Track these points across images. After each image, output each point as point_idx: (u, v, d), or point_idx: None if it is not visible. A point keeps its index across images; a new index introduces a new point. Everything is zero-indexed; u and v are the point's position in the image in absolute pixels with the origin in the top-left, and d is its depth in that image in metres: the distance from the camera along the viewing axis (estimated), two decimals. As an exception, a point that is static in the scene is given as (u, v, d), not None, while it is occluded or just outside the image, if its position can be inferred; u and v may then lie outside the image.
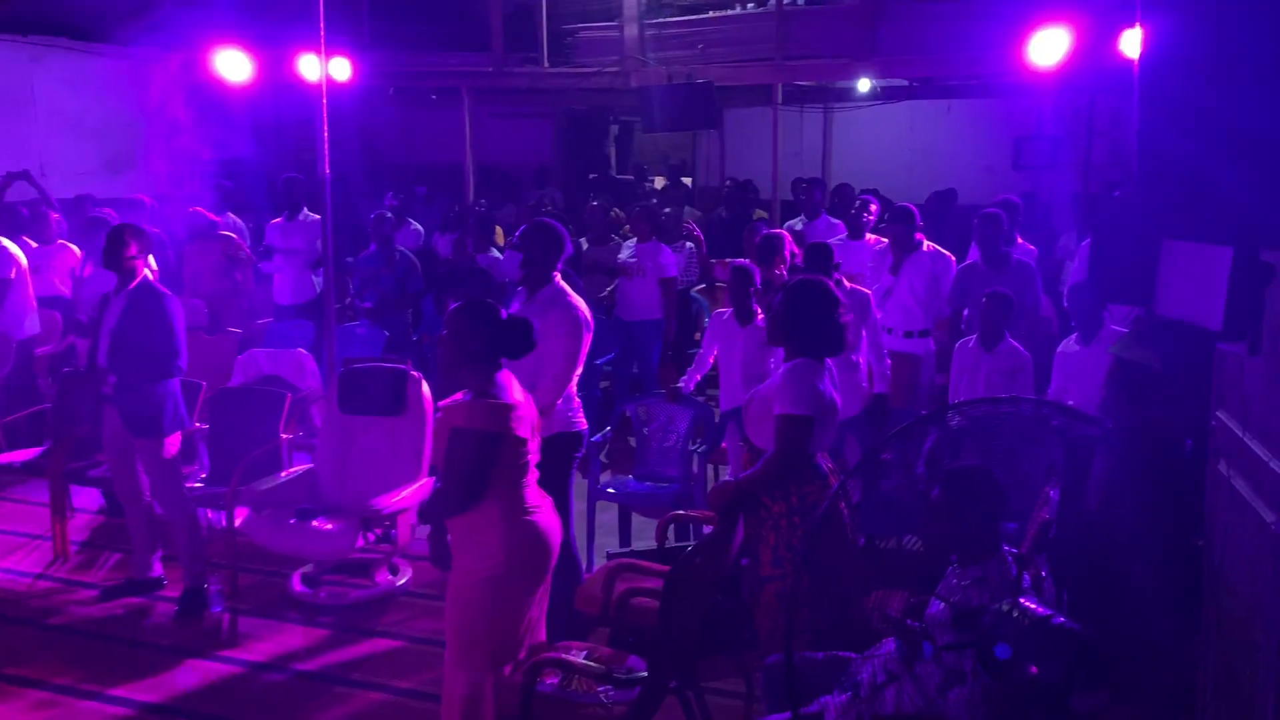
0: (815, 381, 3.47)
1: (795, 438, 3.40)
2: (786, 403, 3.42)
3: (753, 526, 3.53)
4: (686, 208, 10.35)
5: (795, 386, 3.44)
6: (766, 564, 3.50)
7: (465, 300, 3.34)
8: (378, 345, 7.29)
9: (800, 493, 3.46)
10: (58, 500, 5.56)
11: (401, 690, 4.23)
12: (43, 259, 7.87)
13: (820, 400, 3.45)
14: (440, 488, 3.29)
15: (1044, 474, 2.97)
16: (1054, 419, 3.17)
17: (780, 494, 3.47)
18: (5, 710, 4.07)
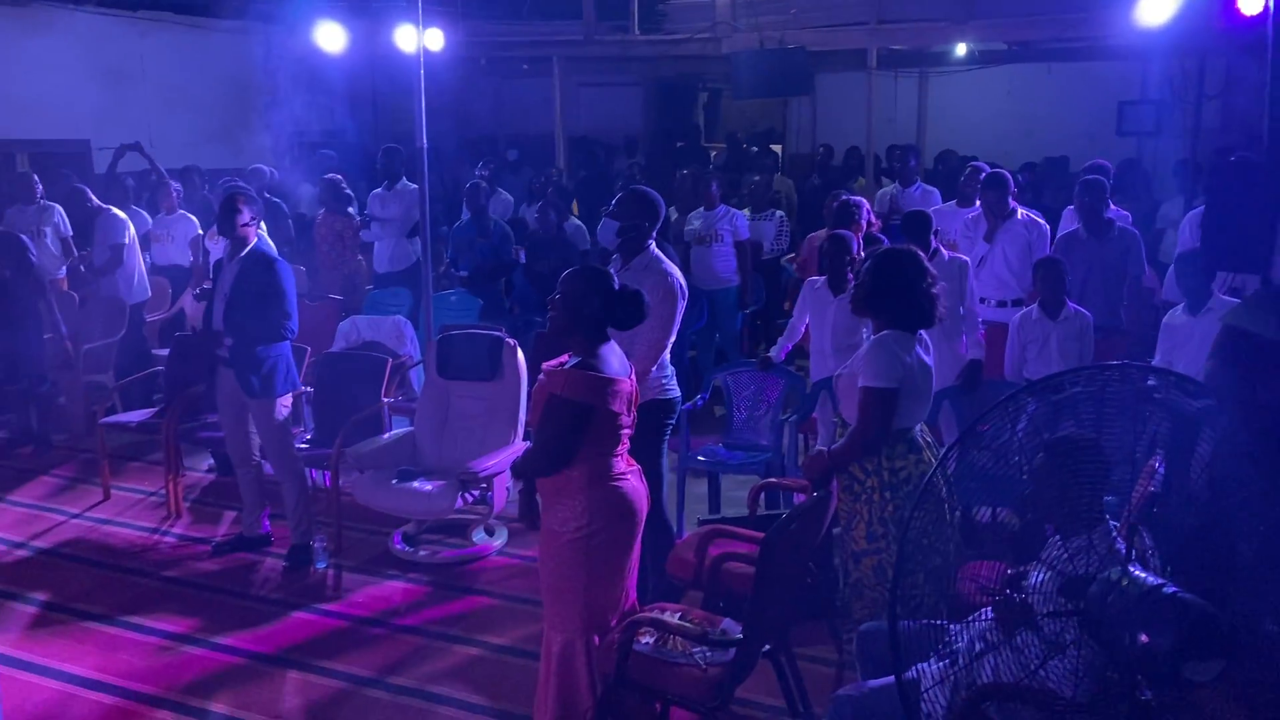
0: (901, 353, 3.41)
1: (878, 411, 3.37)
2: (869, 375, 3.39)
3: (846, 501, 3.54)
4: (777, 176, 10.26)
5: (879, 359, 3.39)
6: (860, 539, 3.51)
7: (580, 266, 3.39)
8: (471, 313, 7.43)
9: (892, 467, 3.45)
10: (171, 459, 5.82)
11: (496, 646, 4.35)
12: (164, 228, 8.18)
13: (906, 372, 3.40)
14: (530, 448, 3.36)
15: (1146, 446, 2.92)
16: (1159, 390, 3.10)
17: (873, 467, 3.46)
18: (126, 655, 4.29)
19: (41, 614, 4.67)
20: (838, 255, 5.15)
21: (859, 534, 3.52)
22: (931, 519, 2.77)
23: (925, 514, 2.72)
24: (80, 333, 7.34)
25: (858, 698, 2.92)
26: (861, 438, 3.41)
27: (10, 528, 5.62)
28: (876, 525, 3.46)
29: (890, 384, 3.37)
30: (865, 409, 3.39)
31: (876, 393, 3.37)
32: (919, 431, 3.54)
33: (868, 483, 3.47)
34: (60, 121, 9.87)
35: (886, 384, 3.36)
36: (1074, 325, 5.26)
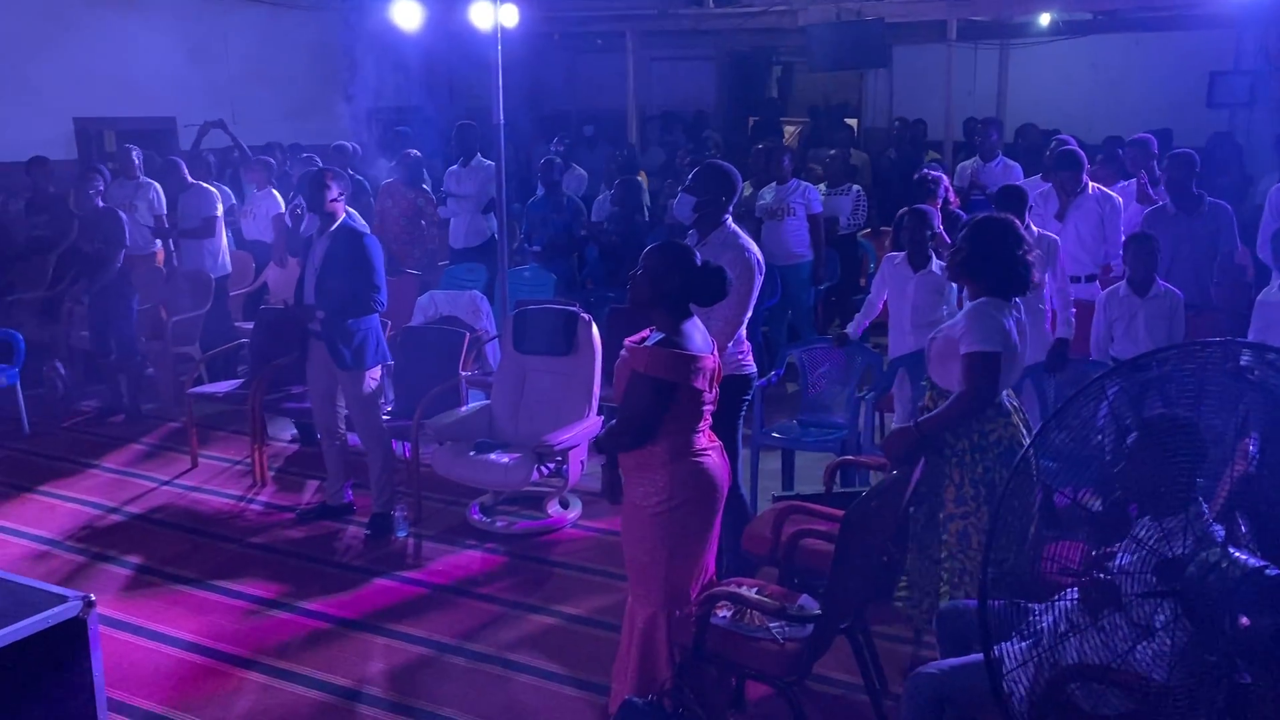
0: (1001, 318, 3.44)
1: (984, 376, 3.38)
2: (973, 340, 3.39)
3: (935, 466, 3.52)
4: (853, 150, 10.12)
5: (982, 323, 3.41)
6: (949, 502, 3.49)
7: (665, 240, 3.39)
8: (546, 288, 7.48)
9: (982, 430, 3.45)
10: (256, 429, 5.98)
11: (571, 616, 4.41)
12: (249, 204, 8.37)
13: (1007, 337, 3.42)
14: (614, 424, 3.37)
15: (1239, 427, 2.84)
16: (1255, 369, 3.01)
17: (963, 431, 3.45)
18: (215, 618, 4.44)
19: (135, 576, 4.85)
20: (917, 230, 5.09)
21: (948, 497, 3.51)
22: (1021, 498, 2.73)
23: (1017, 493, 2.68)
24: (168, 305, 7.57)
25: (937, 675, 2.91)
26: (969, 403, 3.41)
27: (104, 493, 5.84)
28: (968, 487, 3.47)
29: (995, 348, 3.38)
30: (971, 374, 3.39)
31: (982, 357, 3.38)
32: (1006, 396, 3.53)
33: (958, 445, 3.48)
34: (146, 99, 10.12)
35: (991, 348, 3.38)
36: (1163, 304, 5.13)
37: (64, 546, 5.16)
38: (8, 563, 4.68)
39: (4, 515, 5.55)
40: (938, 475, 3.54)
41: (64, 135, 9.63)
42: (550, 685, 3.89)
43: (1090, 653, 2.60)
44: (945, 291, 5.10)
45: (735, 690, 3.61)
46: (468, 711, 3.71)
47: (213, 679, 3.97)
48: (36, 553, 5.09)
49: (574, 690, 3.85)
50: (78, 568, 4.94)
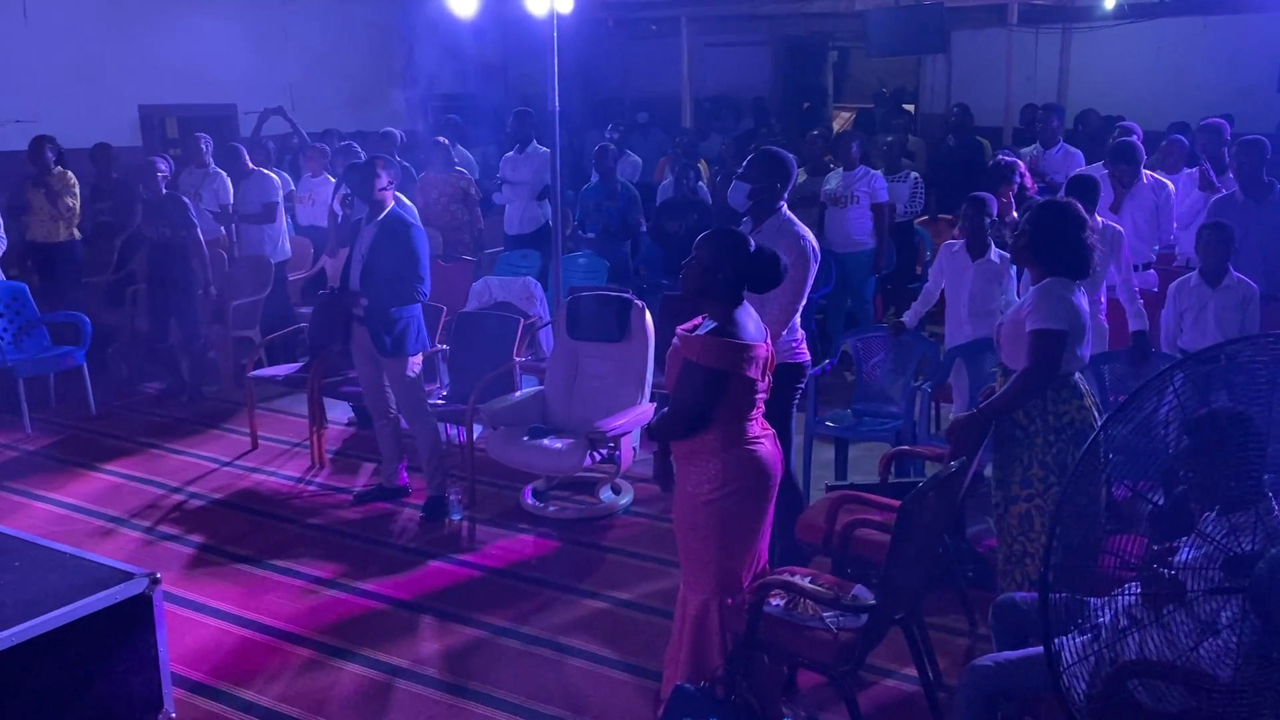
0: (1070, 296, 3.42)
1: (1048, 353, 3.36)
2: (1039, 318, 3.38)
3: (1004, 448, 3.49)
4: (910, 137, 10.00)
5: (1048, 302, 3.40)
6: (1015, 484, 3.46)
7: (717, 228, 3.38)
8: (599, 275, 7.49)
9: (1057, 411, 3.42)
10: (314, 412, 6.07)
11: (623, 601, 4.43)
12: (306, 190, 8.48)
13: (1074, 316, 3.40)
14: (666, 412, 3.37)
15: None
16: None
17: (1037, 411, 3.43)
18: (274, 597, 4.53)
19: (197, 555, 4.96)
20: (976, 218, 5.01)
21: (1014, 480, 3.49)
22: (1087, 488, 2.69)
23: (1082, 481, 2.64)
24: (229, 289, 7.70)
25: (993, 668, 2.88)
26: (1031, 380, 3.39)
27: (167, 474, 5.97)
28: (1036, 469, 3.44)
29: (1061, 325, 3.37)
30: (1036, 351, 3.37)
31: (1048, 334, 3.36)
32: (1079, 378, 3.50)
33: (1030, 427, 3.45)
34: (208, 87, 10.29)
35: (1058, 325, 3.37)
36: (1235, 294, 4.99)
37: (129, 524, 5.29)
38: (76, 539, 4.80)
39: (72, 493, 5.70)
40: (1007, 459, 3.51)
41: (129, 122, 9.84)
42: (602, 670, 3.91)
43: (1152, 649, 2.56)
44: (1004, 280, 5.04)
45: (787, 679, 3.61)
46: (521, 694, 3.75)
47: (272, 656, 4.05)
48: (103, 530, 5.22)
49: (626, 675, 3.87)
50: (142, 545, 5.06)
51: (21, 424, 6.67)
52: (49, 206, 7.65)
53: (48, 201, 7.64)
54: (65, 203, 7.69)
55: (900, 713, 3.60)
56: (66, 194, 7.71)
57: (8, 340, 6.91)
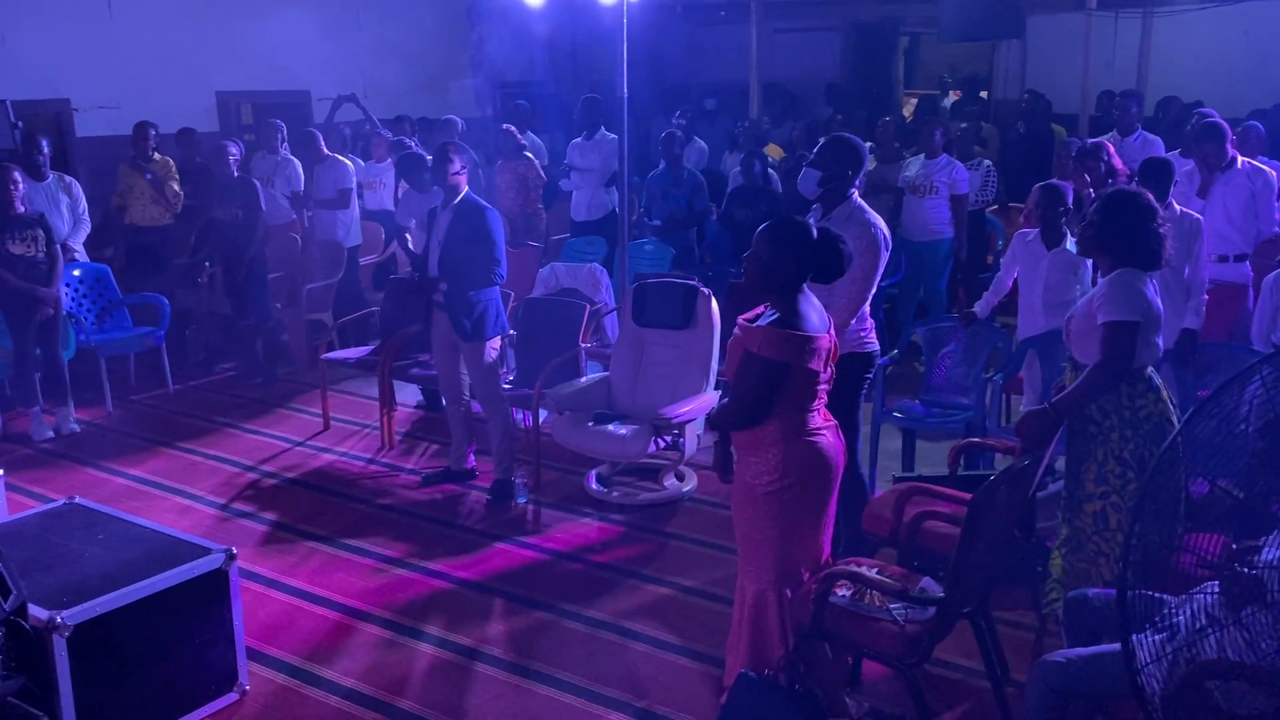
0: (1142, 287, 3.35)
1: (1121, 345, 3.29)
2: (1111, 309, 3.30)
3: (1076, 444, 3.43)
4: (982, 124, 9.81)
5: (1120, 293, 3.32)
6: (1089, 482, 3.40)
7: (778, 218, 3.35)
8: (664, 262, 7.50)
9: (1133, 405, 3.35)
10: (385, 394, 6.17)
11: (686, 588, 4.44)
12: (374, 175, 8.61)
13: (1148, 306, 3.33)
14: (727, 402, 3.35)
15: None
16: None
17: (1112, 406, 3.36)
18: (345, 575, 4.62)
19: (270, 532, 5.08)
20: (1051, 206, 4.91)
21: (1088, 477, 3.42)
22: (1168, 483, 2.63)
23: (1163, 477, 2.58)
24: (303, 273, 7.85)
25: (1063, 664, 2.83)
26: (1104, 374, 3.32)
27: (243, 453, 6.12)
28: (1112, 465, 3.37)
29: (1134, 316, 3.30)
30: (1108, 343, 3.31)
31: (1120, 326, 3.29)
32: (1152, 371, 3.43)
33: (1105, 423, 3.38)
34: (283, 73, 10.47)
35: (1130, 316, 3.30)
36: None
37: (205, 501, 5.44)
38: (155, 515, 4.94)
39: (151, 469, 5.88)
40: (1080, 455, 3.44)
41: (206, 108, 10.04)
42: (666, 655, 3.93)
43: (1231, 650, 2.49)
44: (1079, 270, 4.92)
45: (851, 669, 3.59)
46: (585, 676, 3.78)
47: (342, 632, 4.14)
48: (181, 507, 5.37)
49: (689, 661, 3.88)
50: (218, 521, 5.20)
51: (103, 402, 6.88)
52: (152, 191, 7.85)
53: (151, 186, 7.83)
54: (171, 188, 7.89)
55: (966, 707, 3.56)
56: (170, 179, 7.92)
57: (90, 320, 7.13)
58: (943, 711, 3.51)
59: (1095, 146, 5.76)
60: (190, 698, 3.50)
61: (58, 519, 3.84)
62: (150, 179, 7.82)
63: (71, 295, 7.07)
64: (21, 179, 6.25)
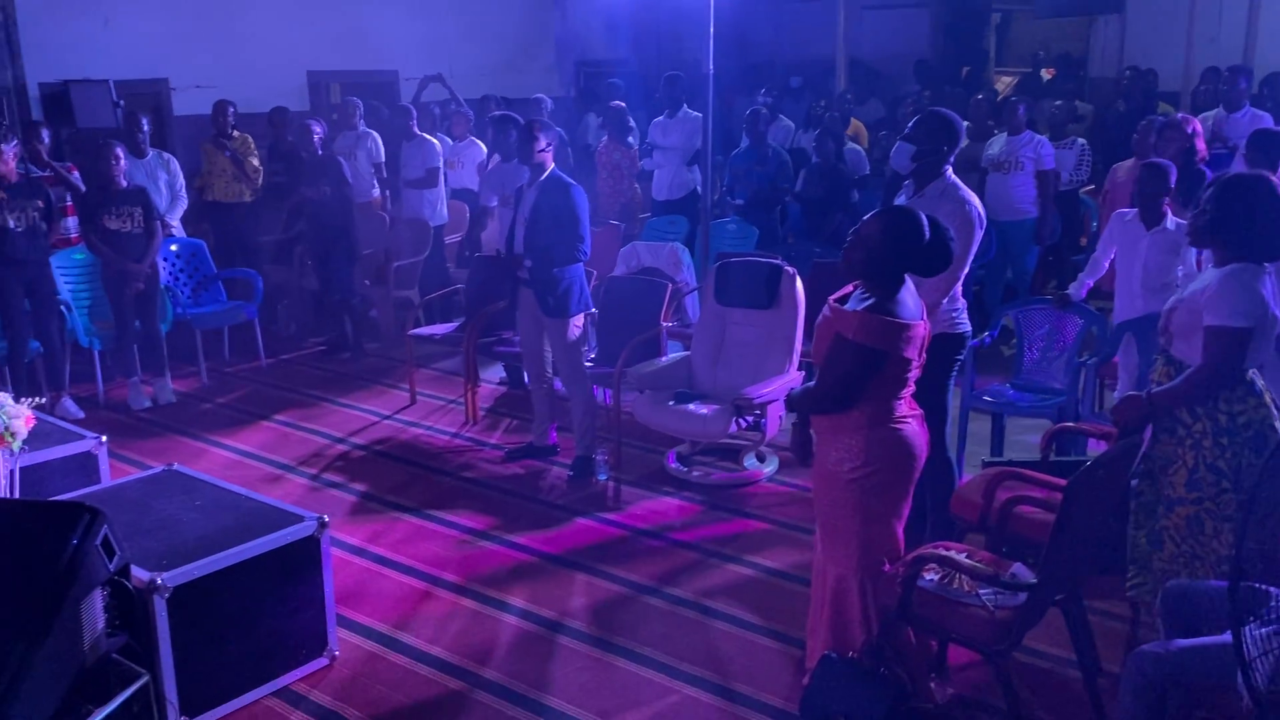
0: (1258, 287, 3.12)
1: (1229, 353, 3.09)
2: (1223, 313, 3.09)
3: (1165, 444, 3.29)
4: (1078, 102, 9.51)
5: (1234, 294, 3.09)
6: (1179, 485, 3.26)
7: (896, 208, 3.26)
8: (748, 241, 7.44)
9: (1230, 411, 3.17)
10: (469, 371, 6.25)
11: (767, 569, 4.42)
12: (455, 154, 8.70)
13: (1261, 309, 3.10)
14: (811, 386, 3.27)
15: None
16: None
17: (1204, 411, 3.19)
18: (430, 545, 4.70)
19: (359, 502, 5.19)
20: (1154, 185, 4.73)
21: (1177, 480, 3.27)
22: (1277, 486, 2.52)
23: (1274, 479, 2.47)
24: (391, 251, 7.98)
25: (1162, 655, 2.74)
26: (1207, 380, 3.13)
27: (333, 425, 6.26)
28: (1204, 472, 3.21)
29: (1246, 322, 3.08)
30: (1214, 350, 3.11)
31: (1230, 333, 3.08)
32: (1254, 374, 3.23)
33: (1195, 427, 3.22)
34: (371, 53, 10.62)
35: (1242, 323, 3.07)
36: None
37: (296, 471, 5.58)
38: (249, 484, 5.06)
39: (245, 440, 6.04)
40: (1168, 455, 3.30)
41: (298, 88, 10.24)
42: (747, 634, 3.91)
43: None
44: (1181, 251, 4.74)
45: (937, 655, 3.54)
46: (667, 652, 3.79)
47: (429, 601, 4.21)
48: (272, 475, 5.51)
49: (770, 641, 3.86)
50: (308, 491, 5.32)
51: (199, 374, 7.10)
52: (233, 168, 8.06)
53: (231, 163, 8.05)
54: (252, 164, 8.10)
55: (1055, 696, 3.48)
56: (250, 155, 8.12)
57: (187, 294, 7.35)
58: (1031, 699, 3.44)
59: (1172, 122, 5.54)
60: (283, 661, 3.60)
61: (157, 485, 3.97)
62: (230, 156, 8.01)
63: (168, 269, 7.29)
64: (124, 156, 6.45)
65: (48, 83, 8.44)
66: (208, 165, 8.15)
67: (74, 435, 4.49)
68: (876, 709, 3.06)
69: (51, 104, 8.44)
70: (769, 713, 3.43)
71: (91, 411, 6.48)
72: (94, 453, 4.42)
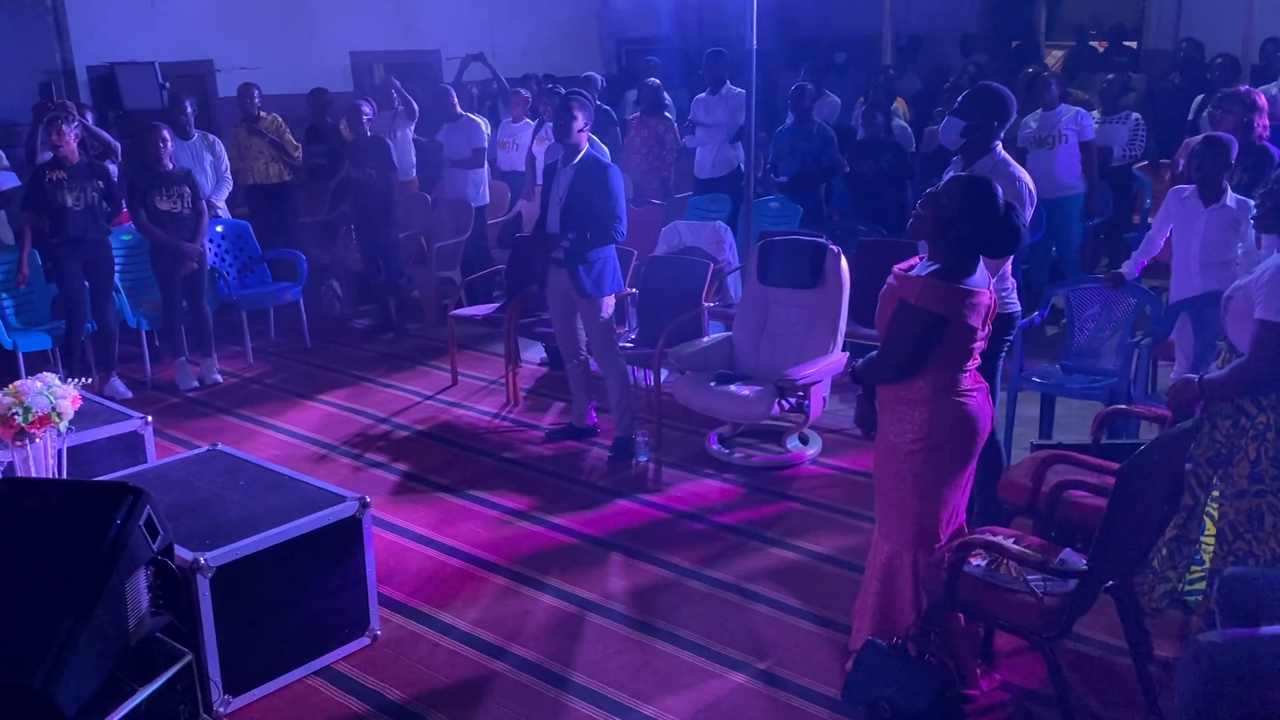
0: None
1: (1275, 350, 3.01)
2: (1271, 307, 3.02)
3: (1229, 434, 3.20)
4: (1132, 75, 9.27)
5: None
6: (1242, 478, 3.17)
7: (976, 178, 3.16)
8: (792, 220, 7.34)
9: None
10: (510, 351, 6.24)
11: (810, 552, 4.36)
12: (509, 135, 8.66)
13: None
14: (874, 354, 3.23)
15: None
16: None
17: (1268, 403, 3.11)
18: (471, 525, 4.70)
19: (401, 482, 5.21)
20: (1214, 160, 4.58)
21: (1240, 472, 3.19)
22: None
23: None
24: (432, 231, 7.98)
25: (1223, 645, 2.65)
26: (1250, 375, 3.06)
27: (376, 405, 6.29)
28: (1266, 465, 3.11)
29: None
30: (1260, 344, 3.03)
31: (1274, 328, 3.00)
32: None
33: (1259, 419, 3.13)
34: (413, 33, 10.62)
35: None
36: None
37: (340, 451, 5.61)
38: (293, 463, 5.11)
39: (289, 420, 6.09)
40: (1233, 445, 3.20)
41: (341, 68, 10.28)
42: (789, 618, 3.87)
43: None
44: (1241, 228, 4.60)
45: (984, 641, 3.47)
46: (707, 635, 3.76)
47: (469, 581, 4.21)
48: (316, 455, 5.55)
49: (813, 625, 3.81)
50: (352, 471, 5.35)
51: (245, 354, 7.16)
52: (269, 149, 8.11)
53: (269, 145, 8.10)
54: (291, 140, 8.13)
55: (1106, 685, 3.40)
56: (284, 133, 8.15)
57: (233, 275, 7.41)
58: (1081, 689, 3.36)
59: (1232, 94, 5.35)
60: (325, 640, 3.62)
61: (201, 465, 4.00)
62: (270, 140, 8.04)
63: (215, 251, 7.36)
64: (170, 137, 6.50)
65: (95, 65, 8.53)
66: (239, 149, 8.16)
67: (121, 415, 4.55)
68: (921, 696, 3.01)
69: (99, 86, 8.54)
70: (811, 698, 3.39)
71: (139, 392, 6.57)
72: (140, 432, 4.47)
